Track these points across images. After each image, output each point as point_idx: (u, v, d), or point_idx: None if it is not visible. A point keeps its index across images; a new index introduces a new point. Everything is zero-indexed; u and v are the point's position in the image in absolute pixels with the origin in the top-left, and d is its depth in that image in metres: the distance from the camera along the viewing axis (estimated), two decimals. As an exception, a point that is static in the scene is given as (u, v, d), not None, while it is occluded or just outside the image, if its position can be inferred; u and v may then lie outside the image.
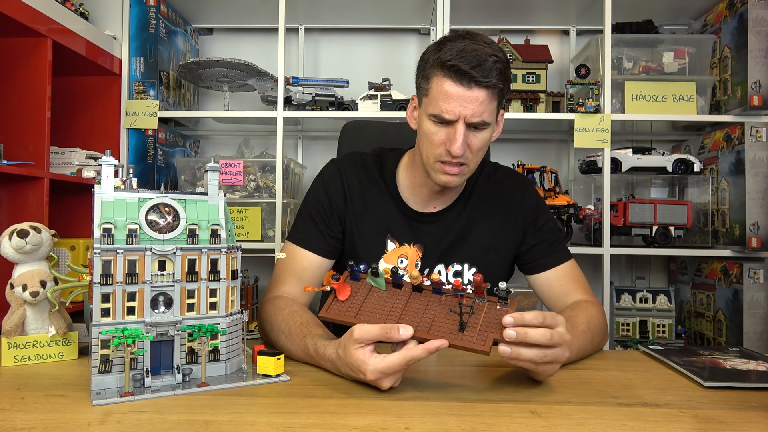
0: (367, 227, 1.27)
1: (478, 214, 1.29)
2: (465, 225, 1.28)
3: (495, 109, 1.12)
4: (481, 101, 1.08)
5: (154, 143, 2.26)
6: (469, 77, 1.06)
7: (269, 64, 2.35)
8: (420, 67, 1.17)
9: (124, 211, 0.86)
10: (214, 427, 0.71)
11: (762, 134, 2.04)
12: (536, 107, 2.25)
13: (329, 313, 0.93)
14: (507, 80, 1.12)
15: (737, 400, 0.85)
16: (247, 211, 2.19)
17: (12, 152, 1.74)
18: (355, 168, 1.31)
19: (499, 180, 1.33)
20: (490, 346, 0.84)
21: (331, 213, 1.26)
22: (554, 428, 0.73)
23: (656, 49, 2.27)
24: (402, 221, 1.27)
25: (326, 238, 1.25)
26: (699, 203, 2.30)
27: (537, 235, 1.29)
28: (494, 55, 1.07)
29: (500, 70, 1.08)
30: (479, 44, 1.08)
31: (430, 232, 1.27)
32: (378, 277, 0.97)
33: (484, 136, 1.13)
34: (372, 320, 0.89)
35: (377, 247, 1.26)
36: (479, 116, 1.08)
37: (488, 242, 1.29)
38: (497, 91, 1.09)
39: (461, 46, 1.07)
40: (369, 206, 1.28)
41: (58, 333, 1.01)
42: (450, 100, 1.08)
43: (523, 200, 1.31)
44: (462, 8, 2.32)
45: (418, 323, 0.88)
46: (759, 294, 2.03)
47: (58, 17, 1.83)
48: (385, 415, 0.76)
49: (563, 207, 2.18)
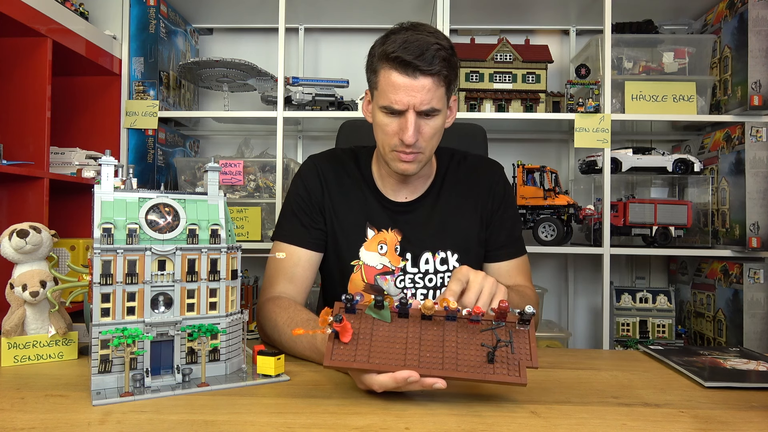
0: (346, 216, 1.29)
1: (454, 201, 1.32)
2: (442, 213, 1.30)
3: (444, 96, 1.15)
4: (428, 89, 1.10)
5: (154, 143, 2.26)
6: (414, 66, 1.09)
7: (269, 64, 2.35)
8: (368, 61, 1.19)
9: (124, 211, 0.86)
10: (214, 427, 0.71)
11: (762, 134, 2.04)
12: (536, 107, 2.25)
13: (335, 361, 0.80)
14: (453, 66, 1.14)
15: (737, 400, 0.85)
16: (247, 211, 2.19)
17: (12, 152, 1.74)
18: (331, 162, 1.34)
19: (470, 166, 1.36)
20: (527, 376, 0.79)
21: (312, 205, 1.29)
22: (554, 428, 0.73)
23: (656, 49, 2.27)
24: (380, 209, 1.30)
25: (310, 230, 1.27)
26: (699, 203, 2.30)
27: (501, 224, 1.33)
28: (437, 43, 1.10)
29: (444, 57, 1.10)
30: (422, 34, 1.11)
31: (407, 222, 1.29)
32: (383, 309, 0.86)
33: (435, 123, 1.16)
34: (389, 362, 0.80)
35: (357, 236, 1.28)
36: (428, 103, 1.11)
37: (467, 227, 1.31)
38: (443, 78, 1.12)
39: (404, 37, 1.11)
40: (347, 196, 1.30)
41: (58, 333, 1.01)
42: (398, 91, 1.11)
43: (492, 184, 1.34)
44: (462, 8, 2.32)
45: (441, 359, 0.80)
46: (759, 294, 2.03)
47: (58, 17, 1.83)
48: (385, 415, 0.76)
49: (563, 207, 2.18)
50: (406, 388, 0.80)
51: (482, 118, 2.22)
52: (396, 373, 0.78)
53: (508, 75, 2.25)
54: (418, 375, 0.78)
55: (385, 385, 0.79)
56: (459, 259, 1.29)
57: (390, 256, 1.27)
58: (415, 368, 0.79)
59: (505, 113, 2.24)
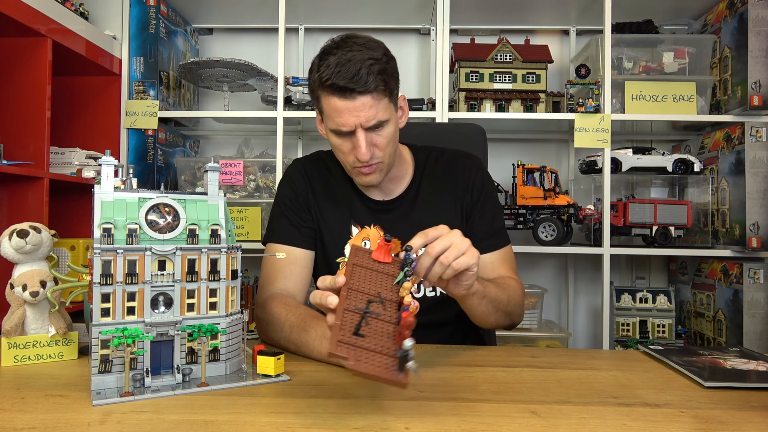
0: (331, 215, 1.31)
1: (432, 197, 1.32)
2: (421, 212, 1.31)
3: (388, 104, 1.15)
4: (370, 105, 1.11)
5: (154, 143, 2.26)
6: (350, 90, 1.09)
7: (269, 64, 2.35)
8: (309, 86, 1.20)
9: (124, 211, 0.86)
10: (214, 427, 0.71)
11: (762, 134, 2.04)
12: (536, 107, 2.25)
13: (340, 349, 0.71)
14: (390, 74, 1.14)
15: (737, 400, 0.85)
16: (247, 211, 2.19)
17: (12, 152, 1.74)
18: (315, 163, 1.37)
19: (447, 161, 1.36)
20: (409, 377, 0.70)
21: (299, 204, 1.31)
22: (554, 428, 0.73)
23: (656, 49, 2.28)
24: (362, 208, 1.31)
25: (300, 229, 1.29)
26: (699, 203, 2.30)
27: (481, 216, 1.32)
28: (369, 58, 1.10)
29: (378, 70, 1.10)
30: (353, 50, 1.10)
31: (388, 221, 1.28)
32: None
33: (387, 132, 1.17)
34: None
35: (342, 234, 1.29)
36: (373, 118, 1.12)
37: (447, 222, 1.24)
38: (381, 91, 1.12)
39: (336, 59, 1.10)
40: (331, 195, 1.32)
41: (58, 333, 1.01)
42: (341, 114, 1.12)
43: (469, 177, 1.34)
44: (462, 8, 2.32)
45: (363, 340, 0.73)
46: (759, 294, 2.03)
47: (58, 17, 1.83)
48: (385, 415, 0.76)
49: (563, 207, 2.19)
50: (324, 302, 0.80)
51: (482, 118, 2.22)
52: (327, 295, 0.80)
53: (508, 75, 2.25)
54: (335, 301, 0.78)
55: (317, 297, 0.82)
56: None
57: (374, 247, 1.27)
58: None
59: (505, 113, 2.24)
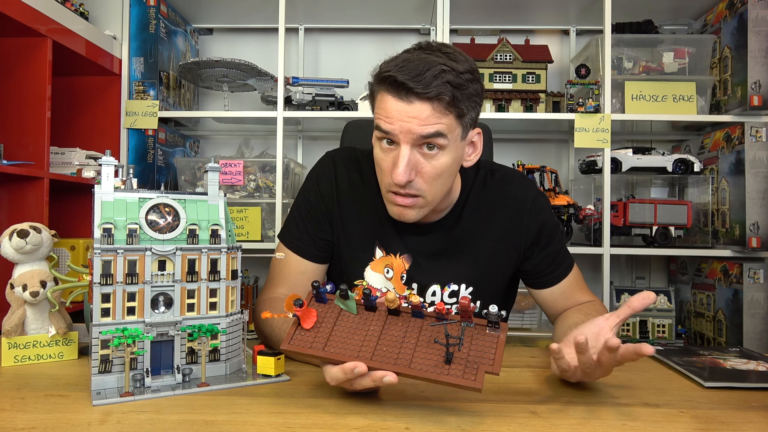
0: (355, 231, 1.17)
1: (474, 226, 1.16)
2: (460, 240, 1.16)
3: (452, 125, 0.97)
4: (427, 115, 0.94)
5: (154, 143, 2.26)
6: (407, 89, 0.93)
7: (269, 64, 2.35)
8: (369, 85, 1.05)
9: (124, 211, 0.86)
10: (214, 427, 0.71)
11: (762, 134, 2.04)
12: (536, 107, 2.25)
13: (292, 346, 0.81)
14: (464, 91, 0.96)
15: (737, 400, 0.85)
16: (247, 211, 2.19)
17: (12, 152, 1.74)
18: (348, 166, 1.21)
19: (497, 185, 1.19)
20: (482, 381, 0.74)
21: (321, 214, 1.18)
22: (554, 428, 0.73)
23: (656, 49, 2.27)
24: (391, 228, 1.16)
25: (316, 242, 1.18)
26: (699, 203, 2.30)
27: (544, 250, 1.18)
28: (445, 65, 0.93)
29: (449, 80, 0.93)
30: (432, 54, 0.96)
31: (420, 245, 1.16)
32: (348, 300, 0.85)
33: (440, 161, 0.99)
34: (343, 352, 0.79)
35: (365, 254, 1.17)
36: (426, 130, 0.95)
37: (487, 258, 1.16)
38: (446, 104, 0.94)
39: (408, 56, 0.96)
40: (359, 209, 1.18)
41: (58, 333, 1.01)
42: (390, 115, 0.96)
43: (526, 210, 1.16)
44: (462, 8, 2.32)
45: (397, 355, 0.78)
46: (759, 294, 2.03)
47: (58, 17, 1.83)
48: (385, 415, 0.76)
49: (563, 207, 2.19)
50: (359, 383, 0.77)
51: (482, 118, 2.20)
52: (345, 364, 0.76)
53: (508, 75, 2.25)
54: (365, 367, 0.75)
55: (335, 377, 0.77)
56: (473, 291, 1.16)
57: (395, 283, 1.15)
58: (366, 361, 0.77)
59: (505, 113, 2.24)
